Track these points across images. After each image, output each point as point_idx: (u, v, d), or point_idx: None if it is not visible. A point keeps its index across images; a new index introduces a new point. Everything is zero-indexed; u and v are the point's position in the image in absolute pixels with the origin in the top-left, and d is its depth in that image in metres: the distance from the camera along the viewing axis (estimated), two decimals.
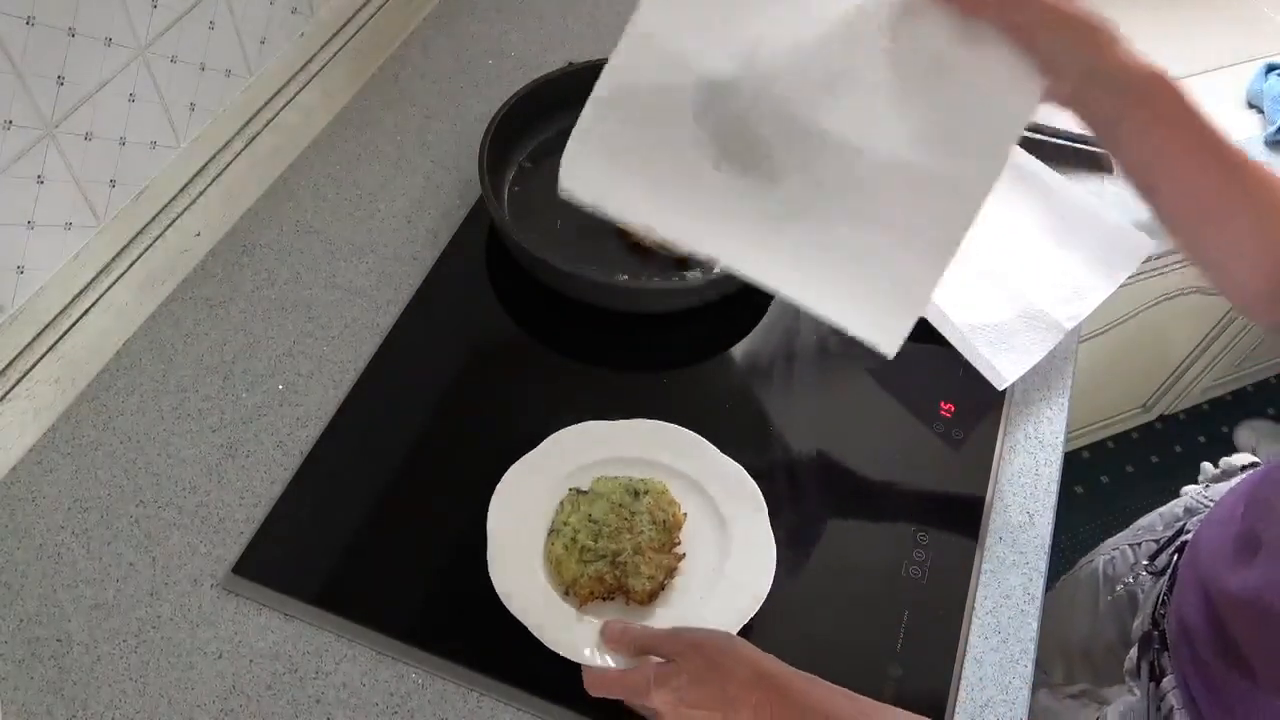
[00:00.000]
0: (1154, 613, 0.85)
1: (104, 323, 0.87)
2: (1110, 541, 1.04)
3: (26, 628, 0.74)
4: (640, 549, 0.75)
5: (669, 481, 0.80)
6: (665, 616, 0.74)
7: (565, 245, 0.97)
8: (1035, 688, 1.06)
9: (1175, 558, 0.86)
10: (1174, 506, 0.97)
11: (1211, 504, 0.89)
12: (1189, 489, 0.97)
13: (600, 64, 0.57)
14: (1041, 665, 1.06)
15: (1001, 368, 0.86)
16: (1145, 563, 0.92)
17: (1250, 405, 2.03)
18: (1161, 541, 0.92)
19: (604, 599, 0.75)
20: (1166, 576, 0.86)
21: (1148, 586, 0.91)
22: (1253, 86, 1.19)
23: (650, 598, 0.74)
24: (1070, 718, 0.97)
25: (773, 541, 0.77)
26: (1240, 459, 0.94)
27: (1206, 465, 0.97)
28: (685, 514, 0.79)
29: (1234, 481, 0.88)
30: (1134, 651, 0.86)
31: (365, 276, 0.96)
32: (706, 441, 0.83)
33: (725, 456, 0.82)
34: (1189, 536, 0.86)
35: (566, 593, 0.74)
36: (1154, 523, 0.98)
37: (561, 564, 0.75)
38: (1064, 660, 1.06)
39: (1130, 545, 0.99)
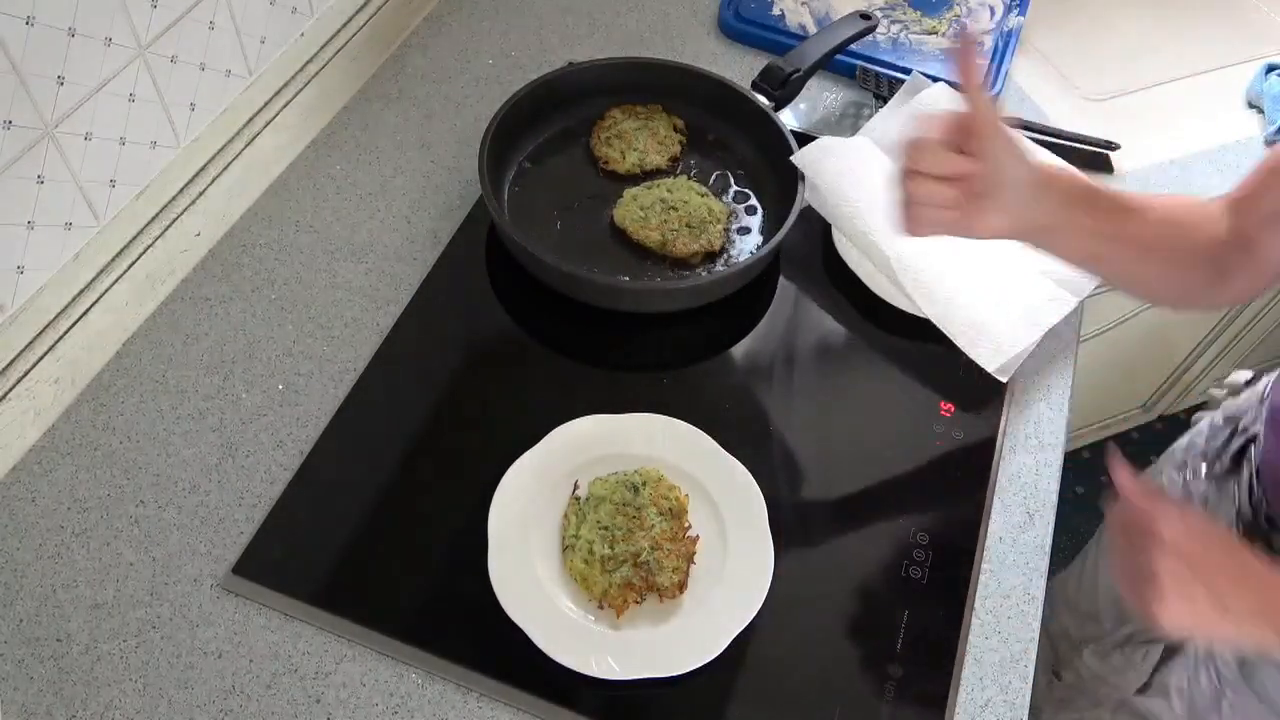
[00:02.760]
0: (1251, 480, 0.87)
1: (104, 323, 0.87)
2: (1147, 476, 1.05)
3: (26, 628, 0.74)
4: (657, 544, 0.75)
5: (666, 475, 0.80)
6: (692, 608, 0.75)
7: (565, 245, 0.97)
8: (1083, 645, 1.05)
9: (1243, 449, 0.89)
10: (1195, 436, 0.99)
11: (1252, 409, 0.91)
12: (1202, 415, 1.00)
13: (600, 64, 0.57)
14: (1095, 619, 1.06)
15: (1001, 358, 0.86)
16: (1204, 469, 0.94)
17: None
18: (1209, 453, 0.94)
19: (636, 603, 0.74)
20: (1251, 456, 0.88)
21: (1216, 488, 0.92)
22: (1253, 86, 1.19)
23: (681, 589, 0.75)
24: (1118, 679, 0.97)
25: (771, 542, 0.77)
26: (1241, 375, 0.98)
27: (1214, 391, 1.00)
28: (686, 495, 0.79)
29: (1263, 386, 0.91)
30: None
31: (365, 276, 0.96)
32: (707, 436, 0.83)
33: (726, 452, 0.82)
34: (1247, 437, 0.89)
35: (601, 606, 0.74)
36: (1192, 444, 0.99)
37: (587, 579, 0.75)
38: (1113, 603, 1.06)
39: (1176, 470, 1.00)
